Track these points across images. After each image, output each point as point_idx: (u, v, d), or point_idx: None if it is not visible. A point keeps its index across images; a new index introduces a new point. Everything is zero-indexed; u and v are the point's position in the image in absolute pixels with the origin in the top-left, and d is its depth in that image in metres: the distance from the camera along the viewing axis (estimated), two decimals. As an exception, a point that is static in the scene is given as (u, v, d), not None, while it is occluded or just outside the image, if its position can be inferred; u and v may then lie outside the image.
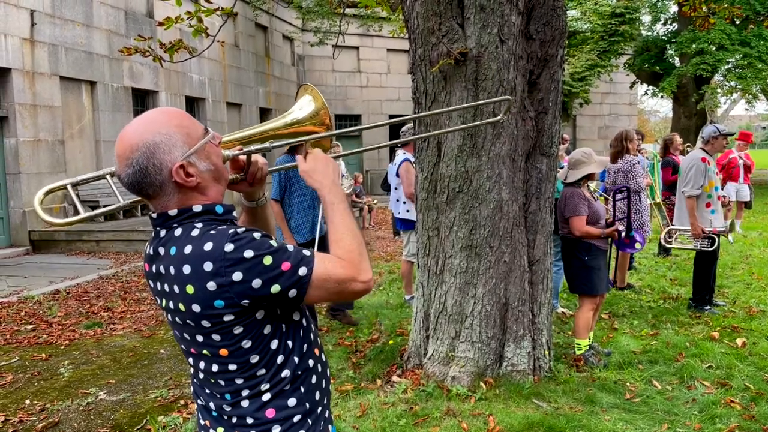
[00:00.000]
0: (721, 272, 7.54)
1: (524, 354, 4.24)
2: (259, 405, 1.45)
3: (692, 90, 17.77)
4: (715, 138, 6.38)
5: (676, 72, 17.16)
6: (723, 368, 4.48)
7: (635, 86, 22.46)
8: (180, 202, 1.41)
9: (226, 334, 1.38)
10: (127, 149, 1.37)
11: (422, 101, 4.33)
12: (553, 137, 4.39)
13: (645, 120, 49.16)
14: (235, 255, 1.31)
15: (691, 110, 18.16)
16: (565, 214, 4.63)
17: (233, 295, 1.32)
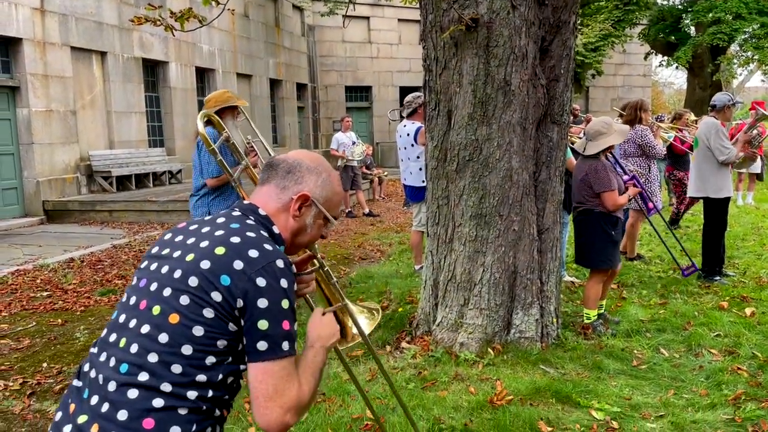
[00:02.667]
0: (732, 243, 7.52)
1: (532, 321, 4.28)
2: (162, 409, 1.30)
3: (708, 60, 17.48)
4: (729, 107, 6.32)
5: (692, 42, 16.86)
6: (731, 337, 4.50)
7: (650, 57, 22.11)
8: (273, 212, 1.52)
9: (204, 308, 1.33)
10: (311, 157, 1.59)
11: (433, 68, 4.31)
12: (564, 105, 4.37)
13: (659, 92, 48.46)
14: (275, 272, 1.35)
15: (706, 81, 17.89)
16: (596, 190, 4.48)
17: (240, 287, 1.32)
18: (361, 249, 8.38)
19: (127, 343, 1.35)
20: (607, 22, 16.25)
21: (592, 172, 4.53)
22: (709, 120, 6.20)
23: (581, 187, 4.61)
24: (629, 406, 3.44)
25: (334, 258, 7.73)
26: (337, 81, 23.34)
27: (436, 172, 4.43)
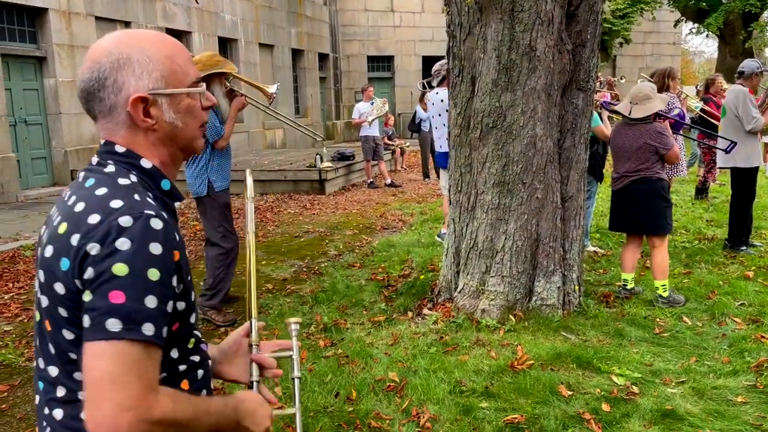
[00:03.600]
0: (760, 213, 7.40)
1: (554, 289, 4.29)
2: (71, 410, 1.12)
3: (740, 27, 16.97)
4: (757, 74, 6.18)
5: (723, 8, 16.38)
6: (756, 306, 4.48)
7: (679, 24, 21.54)
8: (127, 140, 1.17)
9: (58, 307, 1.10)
10: (99, 52, 1.14)
11: (456, 34, 4.27)
12: (590, 71, 4.31)
13: (689, 61, 47.31)
14: (116, 232, 1.03)
15: (737, 49, 17.41)
16: (662, 152, 4.44)
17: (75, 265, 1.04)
18: (383, 219, 8.42)
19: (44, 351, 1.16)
20: (636, -12, 15.85)
21: (656, 136, 4.46)
22: (736, 87, 6.07)
23: (641, 154, 4.49)
24: (650, 372, 3.46)
25: (356, 228, 7.78)
26: (359, 51, 23.16)
27: (459, 139, 4.42)
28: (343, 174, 11.61)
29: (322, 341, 3.99)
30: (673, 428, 2.89)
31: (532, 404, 3.09)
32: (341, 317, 4.42)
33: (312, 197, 10.28)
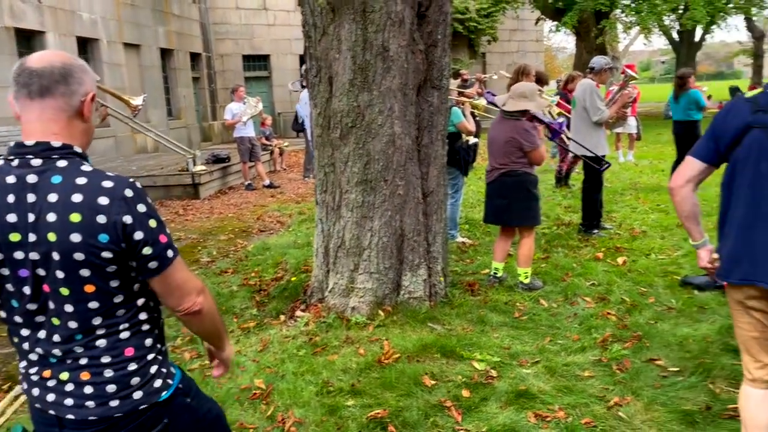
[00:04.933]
0: (611, 198, 8.03)
1: (420, 282, 4.41)
2: (116, 343, 1.49)
3: (592, 25, 18.31)
4: (606, 70, 6.68)
5: (577, 7, 17.58)
6: (604, 285, 4.84)
7: (540, 22, 22.88)
8: (63, 130, 1.45)
9: (99, 269, 1.42)
10: (63, 56, 1.48)
11: (312, 35, 4.27)
12: (443, 70, 4.45)
13: (552, 57, 50.38)
14: (132, 202, 1.41)
15: (592, 45, 18.74)
16: (526, 149, 4.59)
17: (119, 235, 1.39)
18: (260, 221, 8.27)
19: (62, 320, 1.45)
20: (498, -12, 16.65)
21: (522, 133, 4.61)
22: (585, 81, 6.53)
23: (508, 148, 4.65)
24: (508, 355, 3.64)
25: (231, 232, 7.60)
26: (233, 50, 22.59)
27: (321, 139, 4.42)
28: (218, 177, 11.28)
29: (188, 353, 3.86)
30: (526, 407, 3.06)
31: (396, 397, 3.16)
32: (209, 327, 4.28)
33: (185, 203, 9.91)
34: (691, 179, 2.33)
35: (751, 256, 2.15)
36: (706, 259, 2.37)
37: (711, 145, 2.27)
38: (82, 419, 1.48)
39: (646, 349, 3.67)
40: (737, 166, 2.19)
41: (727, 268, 2.24)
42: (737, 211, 2.20)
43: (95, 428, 1.49)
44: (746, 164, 2.15)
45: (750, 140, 2.13)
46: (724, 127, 2.22)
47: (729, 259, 2.24)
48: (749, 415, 2.31)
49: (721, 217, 2.31)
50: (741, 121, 2.16)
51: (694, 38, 23.75)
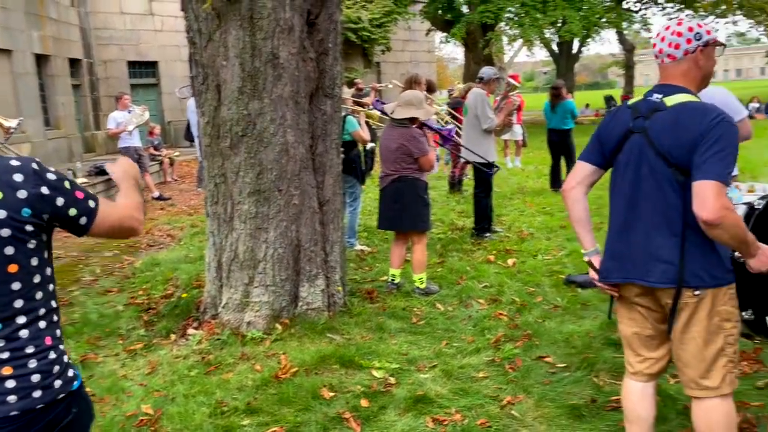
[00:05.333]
0: (501, 202, 8.35)
1: (318, 292, 4.36)
2: (38, 332, 1.51)
3: (479, 36, 19.06)
4: (494, 80, 6.95)
5: (465, 19, 18.25)
6: (496, 286, 5.01)
7: (431, 33, 23.52)
8: None
9: (22, 245, 1.46)
10: None
11: (197, 41, 4.13)
12: (335, 79, 4.44)
13: (444, 67, 51.98)
14: (40, 173, 1.49)
15: (480, 56, 19.50)
16: (415, 155, 4.67)
17: (38, 207, 1.46)
18: (149, 235, 7.87)
19: None
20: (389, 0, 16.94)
21: (411, 140, 4.68)
22: (477, 91, 6.76)
23: (398, 155, 4.71)
24: (407, 361, 3.67)
25: (117, 248, 7.18)
26: (118, 56, 21.48)
27: (210, 149, 4.27)
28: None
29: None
30: (424, 412, 3.08)
31: (294, 413, 3.09)
32: (92, 350, 4.01)
33: (66, 218, 9.25)
34: (581, 182, 2.40)
35: (630, 256, 2.25)
36: (593, 265, 2.44)
37: (597, 149, 2.37)
38: (3, 416, 1.44)
39: (536, 347, 3.82)
40: (619, 169, 2.30)
41: (608, 268, 2.32)
42: (618, 213, 2.30)
43: (15, 425, 1.45)
44: (627, 168, 2.25)
45: (631, 145, 2.23)
46: (609, 132, 2.33)
47: (610, 259, 2.32)
48: (631, 406, 2.45)
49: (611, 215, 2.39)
50: (623, 126, 2.27)
51: (572, 50, 25.32)
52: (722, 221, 1.99)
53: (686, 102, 2.15)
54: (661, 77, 2.29)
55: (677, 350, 2.27)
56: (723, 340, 2.20)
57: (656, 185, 2.17)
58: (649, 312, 2.31)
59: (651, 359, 2.37)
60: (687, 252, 2.14)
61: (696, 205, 2.02)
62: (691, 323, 2.19)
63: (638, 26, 25.64)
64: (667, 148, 2.13)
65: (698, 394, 2.25)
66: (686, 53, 2.19)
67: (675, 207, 2.14)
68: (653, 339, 2.35)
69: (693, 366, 2.22)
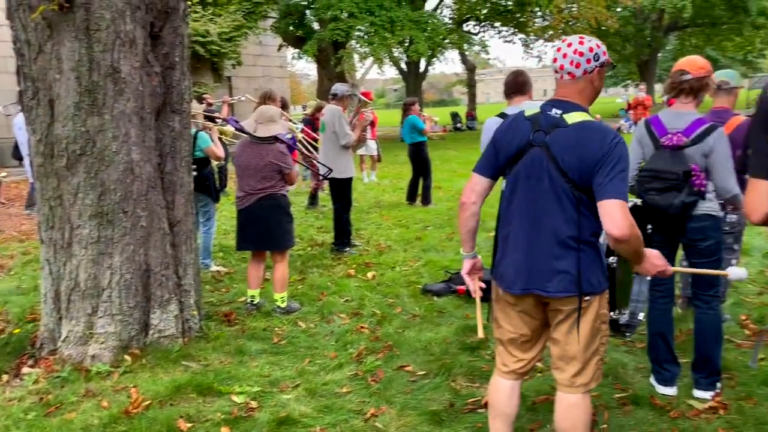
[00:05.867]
0: (359, 216, 8.48)
1: (171, 318, 4.13)
2: None
3: (331, 54, 19.32)
4: (347, 96, 7.04)
5: (316, 36, 18.43)
6: (357, 300, 5.06)
7: (283, 49, 23.45)
8: None
9: None
10: None
11: (25, 53, 3.78)
12: (183, 94, 4.27)
13: (297, 82, 52.01)
14: None
15: (332, 73, 19.76)
16: (285, 171, 4.69)
17: None
18: (-29, 267, 7.02)
19: None
20: (238, 13, 16.64)
21: (280, 156, 4.65)
22: (333, 107, 6.81)
23: (267, 172, 4.63)
24: (269, 383, 3.58)
25: (-69, 282, 6.31)
26: (-72, 66, 19.07)
27: (43, 169, 3.91)
28: None
29: None
30: (289, 433, 3.03)
31: (149, 449, 2.89)
32: None
33: None
34: (481, 194, 2.47)
35: (530, 267, 2.34)
36: (468, 268, 2.59)
37: (493, 161, 2.43)
38: None
39: (397, 357, 3.91)
40: (519, 181, 2.35)
41: (510, 278, 2.39)
42: (517, 225, 2.38)
43: None
44: (528, 179, 2.32)
45: (531, 157, 2.31)
46: (505, 143, 2.39)
47: (512, 270, 2.39)
48: (500, 403, 2.58)
49: (500, 229, 2.48)
50: (522, 138, 2.34)
51: (420, 69, 26.46)
52: (630, 237, 2.15)
53: (585, 121, 2.28)
54: (558, 92, 2.38)
55: (560, 350, 2.42)
56: (599, 340, 2.40)
57: (555, 199, 2.27)
58: (531, 319, 2.46)
59: (524, 360, 2.54)
60: (582, 262, 2.28)
61: (606, 223, 2.15)
62: (579, 325, 2.34)
63: (478, 48, 27.38)
64: (567, 165, 2.23)
65: (570, 390, 2.42)
66: (585, 72, 2.30)
67: (573, 220, 2.26)
68: (529, 342, 2.51)
69: (573, 364, 2.39)
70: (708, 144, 3.06)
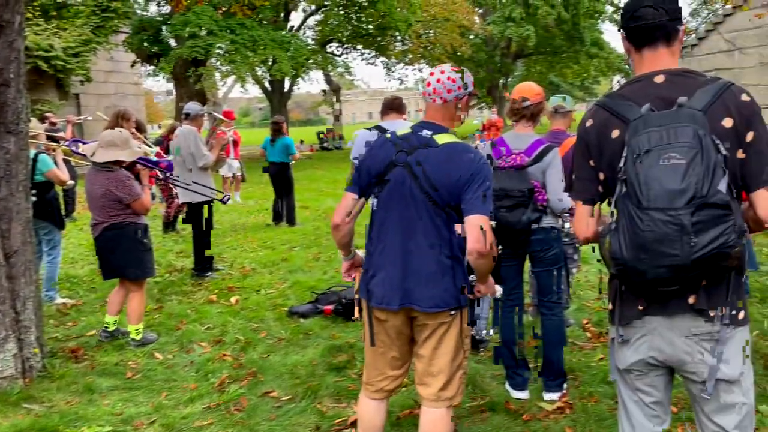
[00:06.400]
0: (221, 239, 8.24)
1: (9, 358, 3.75)
2: None
3: (190, 71, 18.69)
4: (201, 116, 6.83)
5: (173, 53, 17.76)
6: (219, 327, 4.89)
7: (136, 65, 22.35)
8: None
9: None
10: None
11: None
12: (19, 113, 3.93)
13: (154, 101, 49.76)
14: None
15: (191, 91, 19.11)
16: (126, 201, 4.32)
17: None
18: None
19: None
20: (86, 27, 15.62)
21: (117, 185, 4.31)
22: (187, 128, 6.57)
23: (104, 202, 4.32)
24: (121, 421, 3.36)
25: None
26: None
27: None
28: None
29: None
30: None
31: (-21, 508, 2.59)
32: None
33: None
34: (353, 215, 2.51)
35: (404, 283, 2.39)
36: (347, 267, 2.69)
37: (363, 181, 2.49)
38: None
39: (261, 383, 3.82)
40: (387, 199, 2.43)
41: (386, 294, 2.43)
42: (388, 242, 2.43)
43: None
44: (394, 198, 2.40)
45: (396, 177, 2.39)
46: (372, 163, 2.46)
47: (386, 286, 2.42)
48: (368, 419, 2.62)
49: (370, 246, 2.52)
50: (386, 158, 2.42)
51: (284, 88, 26.37)
52: (491, 253, 2.27)
53: (454, 142, 2.40)
54: (428, 115, 2.50)
55: (426, 366, 2.48)
56: (462, 354, 2.50)
57: (426, 216, 2.36)
58: (401, 335, 2.51)
59: (391, 377, 2.59)
60: (453, 278, 2.38)
61: (471, 238, 2.25)
62: (445, 340, 2.43)
63: (342, 69, 27.86)
64: (437, 183, 2.33)
65: (435, 405, 2.49)
66: (455, 98, 2.46)
67: (443, 237, 2.37)
68: (398, 359, 2.57)
69: (439, 379, 2.46)
70: (546, 162, 3.34)
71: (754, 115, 1.76)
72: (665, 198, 1.64)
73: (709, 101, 1.73)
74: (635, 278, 1.75)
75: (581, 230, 1.98)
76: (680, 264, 1.65)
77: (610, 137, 1.85)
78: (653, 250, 1.66)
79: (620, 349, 1.94)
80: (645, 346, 1.88)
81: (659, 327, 1.84)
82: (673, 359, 1.85)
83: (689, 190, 1.62)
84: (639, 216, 1.67)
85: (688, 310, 1.79)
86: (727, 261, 1.67)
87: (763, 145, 1.75)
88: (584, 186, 1.96)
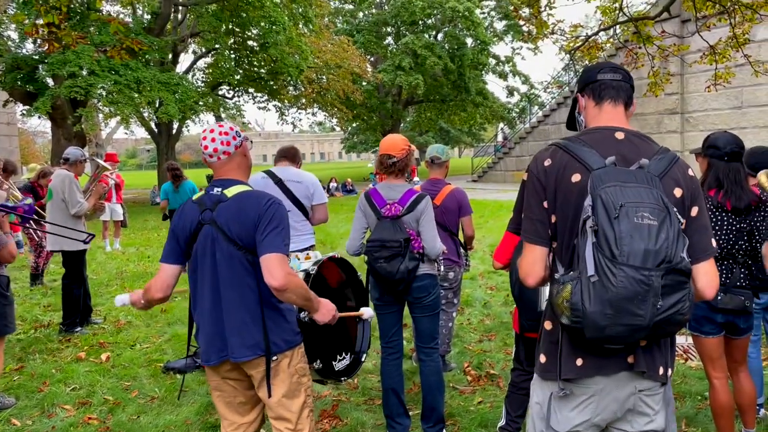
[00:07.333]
0: (97, 290, 7.74)
1: None
2: None
3: (69, 112, 17.70)
4: (81, 161, 6.46)
5: (50, 93, 16.76)
6: (86, 387, 4.55)
7: (9, 104, 20.92)
8: None
9: None
10: None
11: None
12: None
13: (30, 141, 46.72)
14: None
15: (70, 132, 18.06)
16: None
17: None
18: None
19: None
20: (-51, 63, 14.42)
21: None
22: (63, 173, 6.18)
23: None
24: (-38, 503, 3.00)
25: None
26: None
27: None
28: None
29: None
30: None
31: None
32: None
33: None
34: (167, 284, 2.52)
35: (219, 337, 2.44)
36: None
37: (177, 248, 2.52)
38: None
39: (129, 448, 3.56)
40: (197, 259, 2.48)
41: (206, 352, 2.47)
42: (204, 298, 2.47)
43: None
44: (204, 255, 2.45)
45: (203, 235, 2.45)
46: (180, 228, 2.50)
47: (205, 344, 2.48)
48: None
49: (192, 309, 2.56)
50: (193, 220, 2.48)
51: (173, 130, 25.59)
52: (288, 286, 2.30)
53: (243, 191, 2.47)
54: (218, 174, 2.57)
55: (270, 411, 2.53)
56: (304, 393, 2.55)
57: (232, 268, 2.42)
58: (238, 383, 2.55)
59: (244, 424, 2.60)
60: (266, 325, 2.42)
61: (266, 275, 2.30)
62: (276, 385, 2.47)
63: (233, 112, 27.50)
64: (235, 234, 2.40)
65: None
66: (236, 148, 2.53)
67: (250, 286, 2.42)
68: (245, 405, 2.59)
69: (285, 423, 2.51)
70: (419, 210, 3.44)
71: (698, 191, 1.81)
72: (639, 256, 1.59)
73: (664, 169, 1.76)
74: (590, 333, 1.66)
75: (536, 272, 1.87)
76: (641, 325, 1.62)
77: (570, 181, 1.80)
78: (621, 307, 1.60)
79: (560, 409, 1.87)
80: (592, 407, 1.83)
81: (607, 386, 1.81)
82: (617, 416, 1.85)
83: (661, 253, 1.60)
84: (612, 270, 1.60)
85: (627, 368, 1.79)
86: (677, 327, 1.67)
87: (706, 220, 1.82)
88: (536, 228, 1.87)
